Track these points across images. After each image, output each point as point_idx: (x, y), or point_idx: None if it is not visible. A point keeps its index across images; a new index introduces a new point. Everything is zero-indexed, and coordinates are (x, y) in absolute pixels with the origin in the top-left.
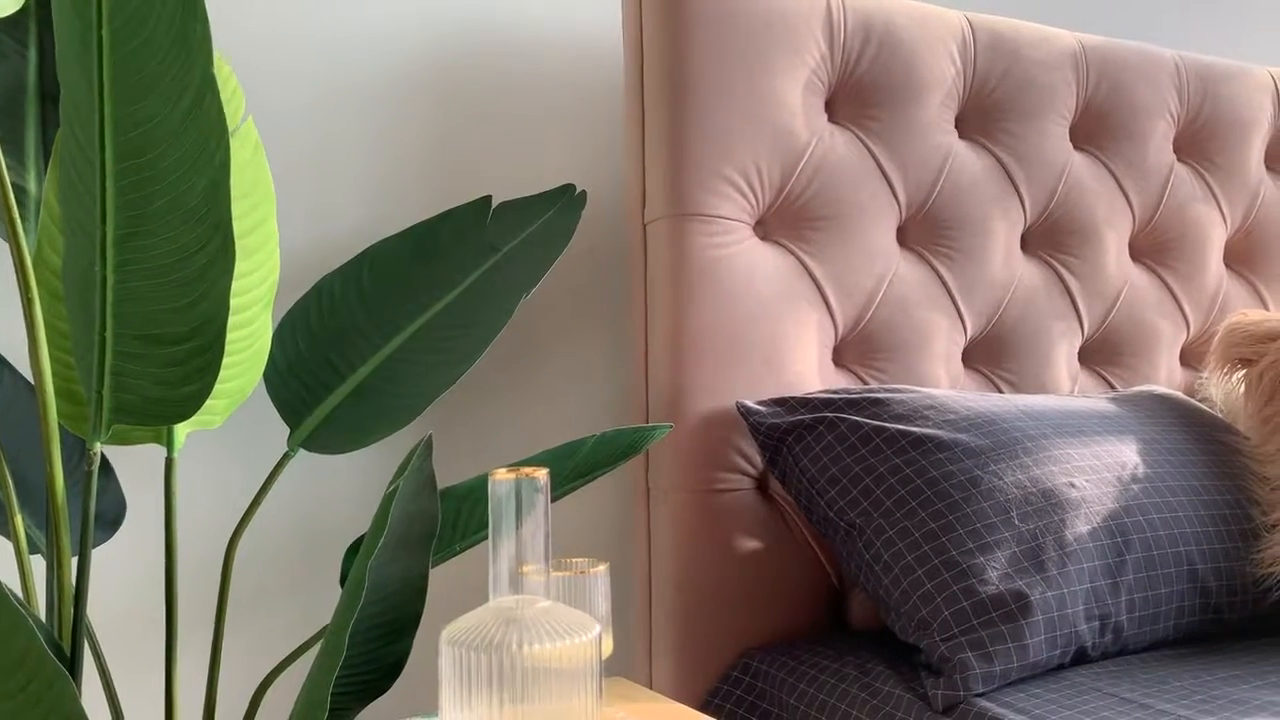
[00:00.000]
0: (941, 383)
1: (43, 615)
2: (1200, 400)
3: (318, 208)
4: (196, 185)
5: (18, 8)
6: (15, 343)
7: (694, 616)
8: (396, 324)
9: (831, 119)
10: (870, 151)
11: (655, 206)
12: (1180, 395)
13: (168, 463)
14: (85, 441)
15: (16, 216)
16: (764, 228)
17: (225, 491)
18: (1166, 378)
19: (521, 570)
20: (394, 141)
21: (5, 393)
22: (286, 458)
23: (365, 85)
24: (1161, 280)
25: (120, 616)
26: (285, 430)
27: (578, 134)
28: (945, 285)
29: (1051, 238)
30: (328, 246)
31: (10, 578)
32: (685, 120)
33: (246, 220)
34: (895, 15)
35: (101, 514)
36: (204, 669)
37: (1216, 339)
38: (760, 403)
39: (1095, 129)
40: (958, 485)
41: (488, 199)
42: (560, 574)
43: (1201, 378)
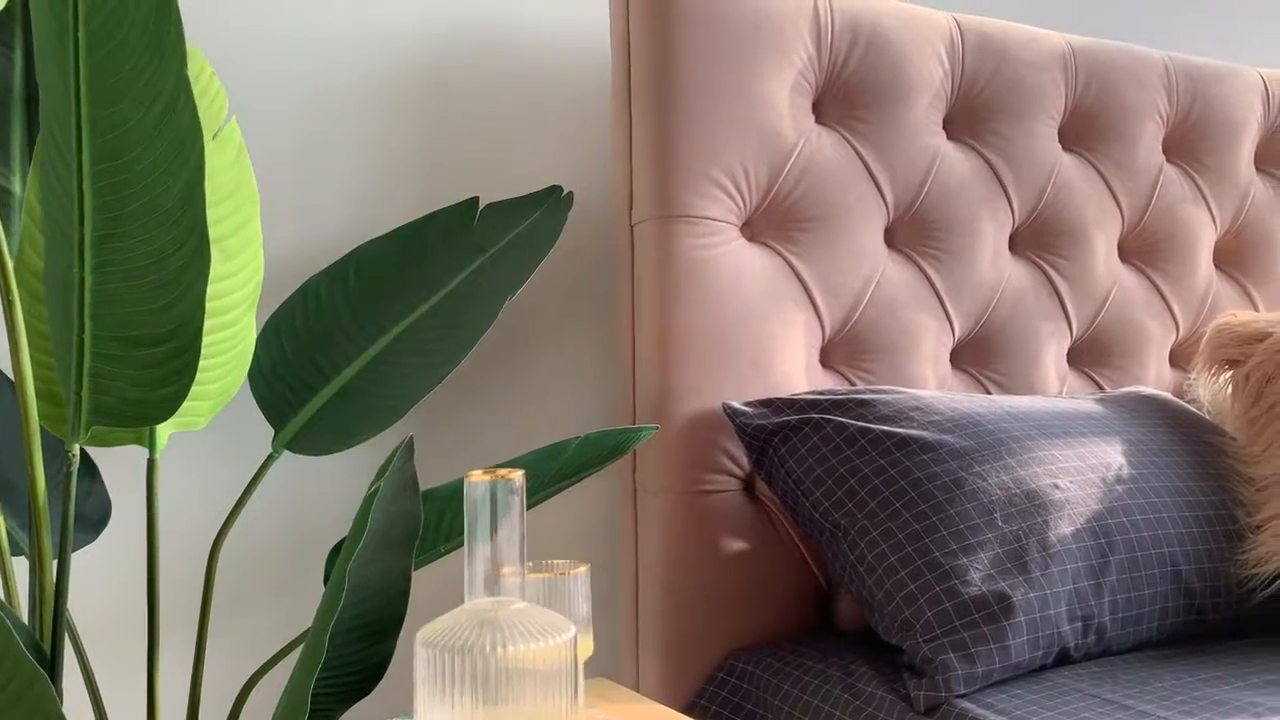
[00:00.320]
0: (929, 384)
1: (25, 616)
2: (1189, 401)
3: (305, 209)
4: (172, 188)
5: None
6: None
7: (681, 618)
8: (382, 325)
9: (819, 120)
10: (857, 153)
11: (642, 208)
12: (1167, 396)
13: (149, 464)
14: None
15: None
16: (751, 229)
17: (210, 493)
18: (1156, 379)
19: (499, 572)
20: (382, 143)
21: None
22: (271, 459)
23: (353, 86)
24: (1151, 281)
25: (106, 618)
26: (270, 432)
27: (567, 135)
28: (933, 286)
29: (1040, 239)
30: (315, 248)
31: None
32: (672, 121)
33: (229, 222)
34: (882, 16)
35: (86, 515)
36: (188, 670)
37: (1204, 340)
38: (746, 404)
39: (1084, 130)
40: (942, 486)
41: (474, 200)
42: (541, 576)
43: (1190, 379)
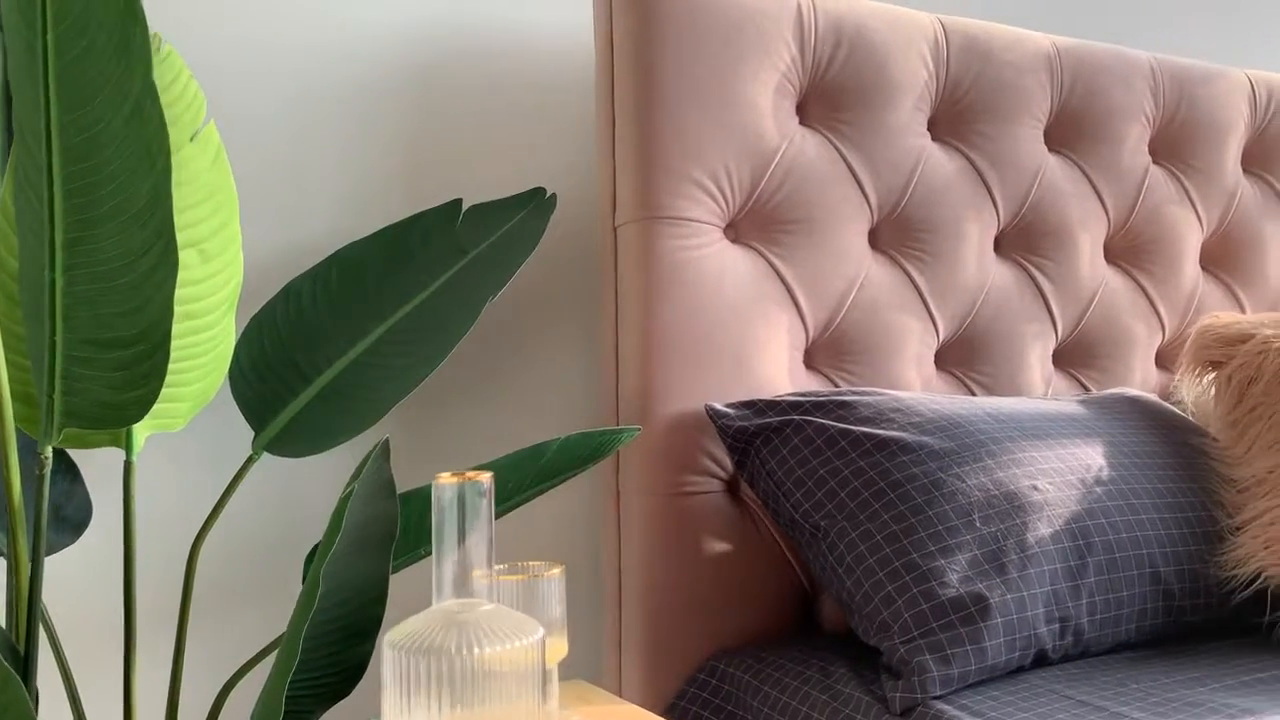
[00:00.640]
0: (913, 386)
1: (1, 619)
2: (1174, 403)
3: (290, 211)
4: (140, 190)
5: None
6: None
7: (663, 619)
8: (364, 326)
9: (802, 122)
10: (841, 154)
11: (625, 210)
12: (1151, 398)
13: (126, 466)
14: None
15: None
16: (734, 231)
17: (190, 494)
18: (1142, 380)
19: (467, 574)
20: (365, 144)
21: None
22: (251, 460)
23: (337, 88)
24: (1136, 283)
25: (86, 619)
26: (250, 433)
27: (551, 137)
28: (917, 288)
29: (1025, 240)
30: (299, 249)
31: None
32: (655, 123)
33: (208, 224)
34: (866, 18)
35: (67, 517)
36: (168, 672)
37: (1188, 342)
38: (729, 405)
39: (1070, 132)
40: (921, 488)
41: (458, 202)
42: (515, 578)
43: (1175, 380)
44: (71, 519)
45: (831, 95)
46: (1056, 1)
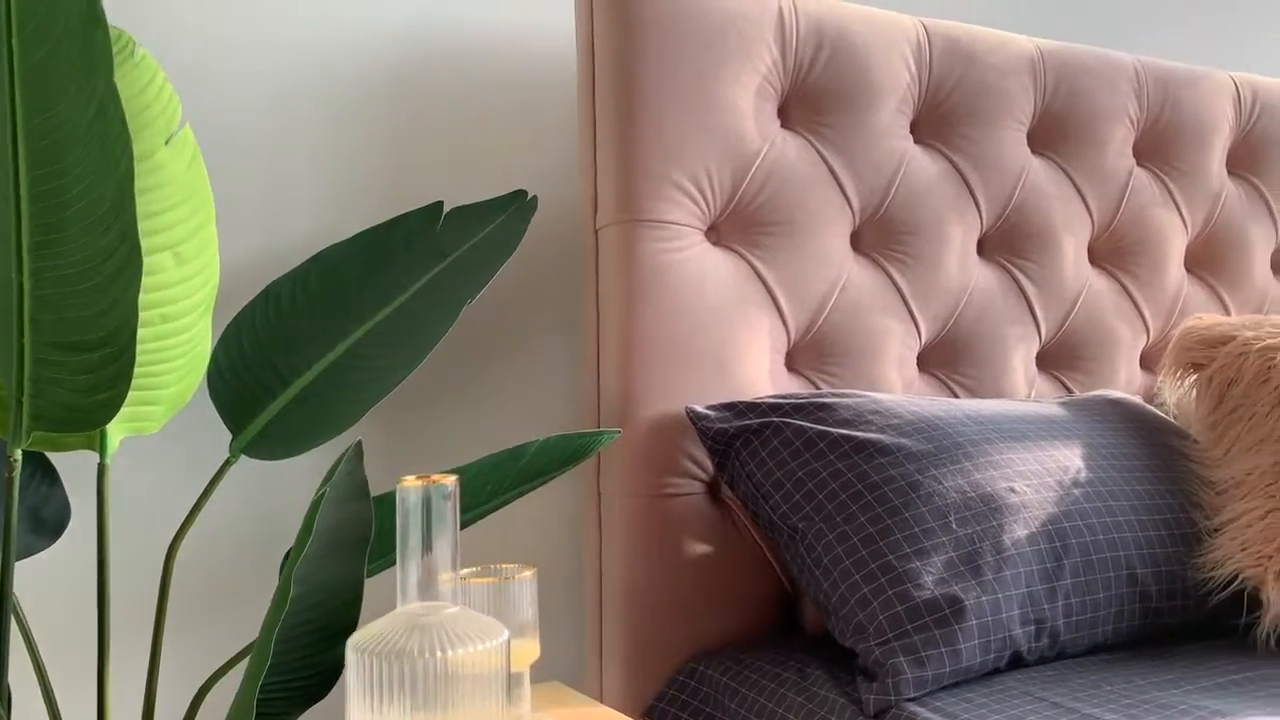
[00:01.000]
0: (895, 388)
1: None
2: (1157, 405)
3: (270, 213)
4: (104, 194)
5: None
6: None
7: (644, 621)
8: (343, 328)
9: (784, 124)
10: (823, 157)
11: (607, 212)
12: (1133, 400)
13: (100, 468)
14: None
15: None
16: (716, 233)
17: (167, 497)
18: (1126, 382)
19: (432, 577)
20: (347, 146)
21: None
22: (228, 463)
23: (318, 90)
24: (1121, 285)
25: (63, 622)
26: (228, 436)
27: (532, 140)
28: (899, 290)
29: (1008, 243)
30: (280, 252)
31: None
32: (636, 125)
33: (184, 227)
34: (848, 21)
35: (45, 520)
36: (144, 675)
37: (1171, 344)
38: (709, 407)
39: (1053, 134)
40: (898, 490)
41: (439, 204)
42: (486, 580)
43: (1159, 382)
44: (49, 521)
45: (813, 98)
46: (1040, 4)
